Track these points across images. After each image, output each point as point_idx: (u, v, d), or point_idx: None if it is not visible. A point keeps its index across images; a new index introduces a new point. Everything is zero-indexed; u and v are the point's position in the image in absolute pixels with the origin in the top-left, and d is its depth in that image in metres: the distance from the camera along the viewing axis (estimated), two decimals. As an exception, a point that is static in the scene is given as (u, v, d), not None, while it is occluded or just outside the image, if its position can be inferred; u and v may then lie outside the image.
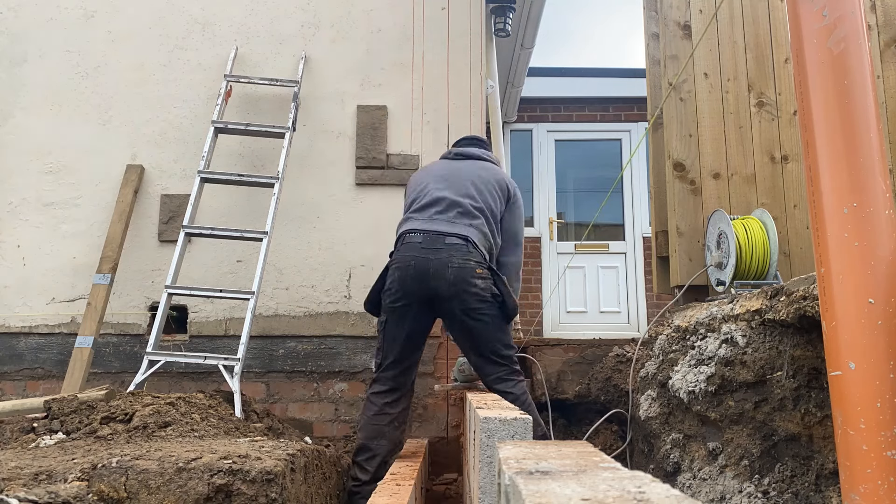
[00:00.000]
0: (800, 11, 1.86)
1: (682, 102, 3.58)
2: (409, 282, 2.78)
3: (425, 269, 2.75)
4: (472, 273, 2.76)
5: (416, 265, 2.77)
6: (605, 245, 7.34)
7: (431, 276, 2.75)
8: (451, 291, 2.74)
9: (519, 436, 1.59)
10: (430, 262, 2.76)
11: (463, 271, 2.75)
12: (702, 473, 2.66)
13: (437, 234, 2.80)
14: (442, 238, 2.79)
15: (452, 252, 2.77)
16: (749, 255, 3.07)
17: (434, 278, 2.75)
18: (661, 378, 3.07)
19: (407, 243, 2.84)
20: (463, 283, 2.74)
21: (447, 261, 2.75)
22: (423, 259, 2.76)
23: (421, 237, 2.81)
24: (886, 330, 1.62)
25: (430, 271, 2.75)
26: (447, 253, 2.76)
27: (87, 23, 4.31)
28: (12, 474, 1.67)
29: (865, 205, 1.69)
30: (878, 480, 1.58)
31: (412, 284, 2.78)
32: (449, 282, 2.74)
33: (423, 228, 2.83)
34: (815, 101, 1.81)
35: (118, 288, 3.92)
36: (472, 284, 2.75)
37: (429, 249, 2.78)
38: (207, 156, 3.83)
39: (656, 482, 0.64)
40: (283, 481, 1.81)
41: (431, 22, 4.33)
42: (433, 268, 2.75)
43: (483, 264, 2.81)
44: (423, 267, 2.76)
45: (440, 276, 2.74)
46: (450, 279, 2.74)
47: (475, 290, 2.76)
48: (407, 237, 2.86)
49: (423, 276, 2.76)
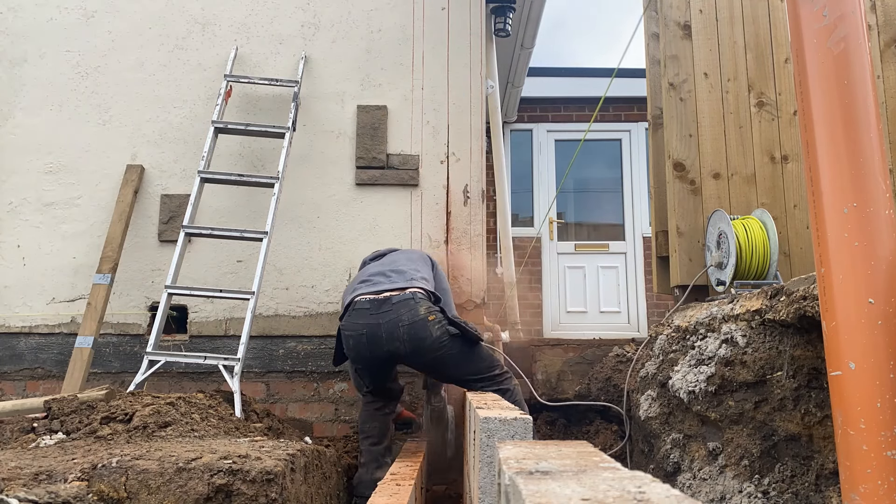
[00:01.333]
0: (800, 11, 1.86)
1: (682, 102, 3.58)
2: (364, 349, 2.83)
3: (377, 334, 2.78)
4: (425, 323, 2.77)
5: (367, 333, 2.80)
6: (605, 245, 7.34)
7: (385, 340, 2.78)
8: (409, 348, 2.78)
9: (519, 436, 1.59)
10: (381, 327, 2.78)
11: (414, 327, 2.76)
12: (702, 473, 2.66)
13: (381, 295, 2.84)
14: (387, 299, 2.82)
15: (400, 309, 2.78)
16: (749, 255, 3.07)
17: (388, 342, 2.78)
18: (661, 378, 3.07)
19: (356, 309, 2.87)
20: (418, 340, 2.76)
21: (397, 321, 2.76)
22: (374, 325, 2.79)
23: (368, 303, 2.84)
24: (886, 330, 1.62)
25: (384, 336, 2.77)
26: (395, 313, 2.78)
27: (87, 23, 4.31)
28: (12, 474, 1.67)
29: (865, 205, 1.69)
30: (878, 480, 1.58)
31: (367, 351, 2.83)
32: (404, 341, 2.76)
33: (368, 291, 2.89)
34: (815, 101, 1.81)
35: (118, 288, 3.91)
36: (428, 335, 2.77)
37: (377, 314, 2.80)
38: (207, 156, 3.83)
39: (656, 482, 0.64)
40: (283, 481, 1.81)
41: (431, 22, 4.33)
42: (385, 331, 2.77)
43: (432, 308, 2.83)
44: (374, 333, 2.79)
45: (394, 338, 2.77)
46: (404, 338, 2.76)
47: (433, 338, 2.77)
48: (354, 303, 2.89)
49: (377, 342, 2.79)
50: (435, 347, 2.77)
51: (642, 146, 7.32)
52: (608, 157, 7.58)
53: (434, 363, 2.85)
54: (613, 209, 7.45)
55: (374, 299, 2.83)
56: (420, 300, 2.82)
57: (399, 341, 2.76)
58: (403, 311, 2.76)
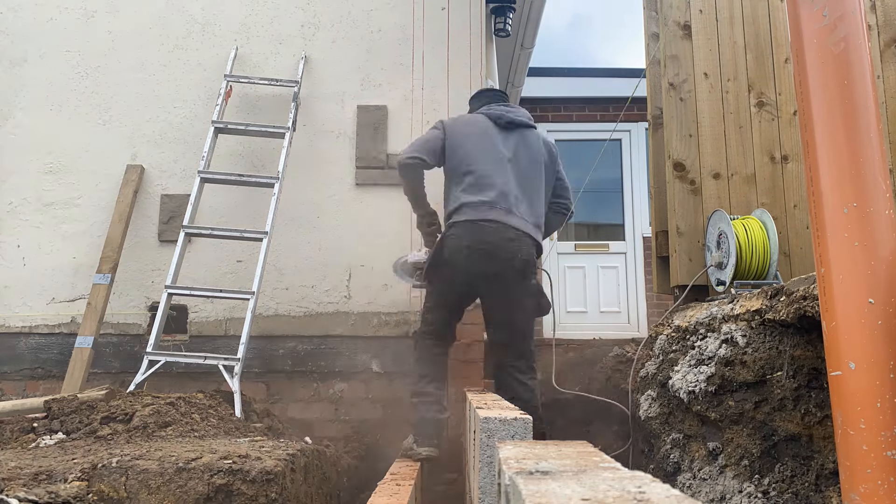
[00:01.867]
0: (800, 11, 1.86)
1: (682, 102, 3.58)
2: (476, 259, 2.94)
3: (494, 252, 2.94)
4: (532, 267, 3.02)
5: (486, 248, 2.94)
6: (605, 245, 7.34)
7: (501, 259, 2.94)
8: (512, 275, 2.96)
9: (519, 436, 1.59)
10: (500, 249, 2.94)
11: (528, 264, 2.99)
12: (702, 473, 2.66)
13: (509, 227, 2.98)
14: (515, 230, 2.98)
15: (521, 245, 2.98)
16: (749, 255, 3.07)
17: (502, 261, 2.94)
18: (661, 378, 3.07)
19: (480, 224, 2.97)
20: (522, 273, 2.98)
21: (517, 251, 2.96)
22: (493, 244, 2.95)
23: (494, 225, 2.97)
24: (886, 330, 1.62)
25: (501, 255, 2.94)
26: (517, 244, 2.97)
27: (87, 23, 4.31)
28: (12, 474, 1.67)
29: (865, 205, 1.69)
30: (878, 480, 1.58)
31: (478, 262, 2.95)
32: (515, 268, 2.95)
33: (500, 220, 2.97)
34: (815, 101, 1.81)
35: (118, 288, 3.91)
36: (532, 275, 3.01)
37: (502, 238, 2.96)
38: (207, 156, 3.83)
39: (656, 482, 0.64)
40: (283, 481, 1.81)
41: (431, 22, 4.33)
42: (503, 253, 2.94)
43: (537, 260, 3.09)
44: (492, 251, 2.94)
45: (508, 261, 2.95)
46: (517, 266, 2.95)
47: (531, 278, 3.01)
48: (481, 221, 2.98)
49: (490, 257, 2.94)
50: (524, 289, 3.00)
51: (642, 146, 7.32)
52: (608, 157, 7.57)
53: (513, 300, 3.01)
54: (613, 209, 7.44)
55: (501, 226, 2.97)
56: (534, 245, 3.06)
57: (510, 264, 2.94)
58: (524, 247, 2.98)
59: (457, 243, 2.97)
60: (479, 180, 3.05)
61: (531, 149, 3.21)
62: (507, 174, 3.08)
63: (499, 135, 3.17)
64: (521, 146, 3.19)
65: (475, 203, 2.99)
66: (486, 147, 3.13)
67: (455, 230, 3.00)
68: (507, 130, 3.20)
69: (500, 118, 3.22)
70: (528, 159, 3.17)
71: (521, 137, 3.21)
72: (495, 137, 3.17)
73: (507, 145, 3.16)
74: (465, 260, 2.95)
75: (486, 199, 3.00)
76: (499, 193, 3.01)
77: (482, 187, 3.03)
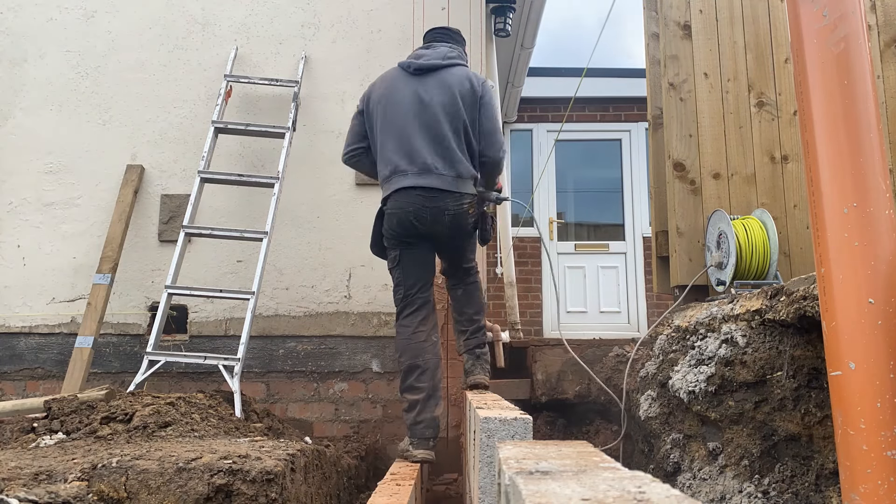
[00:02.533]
0: (800, 11, 1.86)
1: (682, 102, 3.58)
2: (409, 226, 2.98)
3: (423, 216, 2.95)
4: (465, 215, 3.03)
5: (414, 212, 2.95)
6: (605, 245, 7.34)
7: (430, 222, 2.96)
8: (447, 233, 3.02)
9: (519, 436, 1.59)
10: (428, 211, 2.95)
11: (457, 217, 3.00)
12: (702, 473, 2.66)
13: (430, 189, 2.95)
14: (436, 190, 2.95)
15: (448, 200, 2.96)
16: (749, 255, 3.07)
17: (433, 224, 2.97)
18: (661, 378, 3.07)
19: (402, 191, 2.97)
20: (457, 227, 3.02)
21: (444, 208, 2.96)
22: (421, 208, 2.95)
23: (417, 191, 2.95)
24: (886, 330, 1.62)
25: (429, 218, 2.96)
26: (442, 201, 2.96)
27: (87, 23, 4.31)
28: (12, 474, 1.67)
29: (865, 205, 1.69)
30: (878, 480, 1.58)
31: (412, 228, 2.98)
32: (445, 225, 2.98)
33: (418, 185, 2.94)
34: (815, 101, 1.81)
35: (118, 288, 3.91)
36: (466, 223, 3.04)
37: (426, 199, 2.95)
38: (207, 156, 3.83)
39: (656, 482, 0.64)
40: (283, 481, 1.81)
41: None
42: (431, 215, 2.96)
43: (472, 200, 3.04)
44: (421, 214, 2.95)
45: (438, 223, 2.97)
46: (447, 223, 2.98)
47: (466, 228, 3.06)
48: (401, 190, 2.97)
49: (421, 222, 2.96)
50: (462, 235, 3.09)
51: (642, 146, 7.32)
52: (608, 157, 7.58)
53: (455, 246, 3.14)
54: (613, 209, 7.44)
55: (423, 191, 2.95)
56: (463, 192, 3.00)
57: (441, 225, 2.97)
58: (450, 203, 2.97)
59: (389, 217, 3.02)
60: (390, 151, 3.01)
61: (445, 92, 3.01)
62: (415, 133, 2.98)
63: (408, 87, 3.04)
64: (434, 92, 3.01)
65: (388, 175, 3.00)
66: (393, 112, 3.04)
67: (385, 206, 3.05)
68: (418, 77, 3.05)
69: (409, 66, 3.09)
70: (440, 105, 2.99)
71: (435, 82, 3.03)
72: (402, 93, 3.05)
73: (414, 98, 3.01)
74: (398, 228, 3.00)
75: (399, 167, 2.97)
76: (408, 159, 2.96)
77: (393, 157, 2.99)
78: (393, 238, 3.04)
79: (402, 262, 3.04)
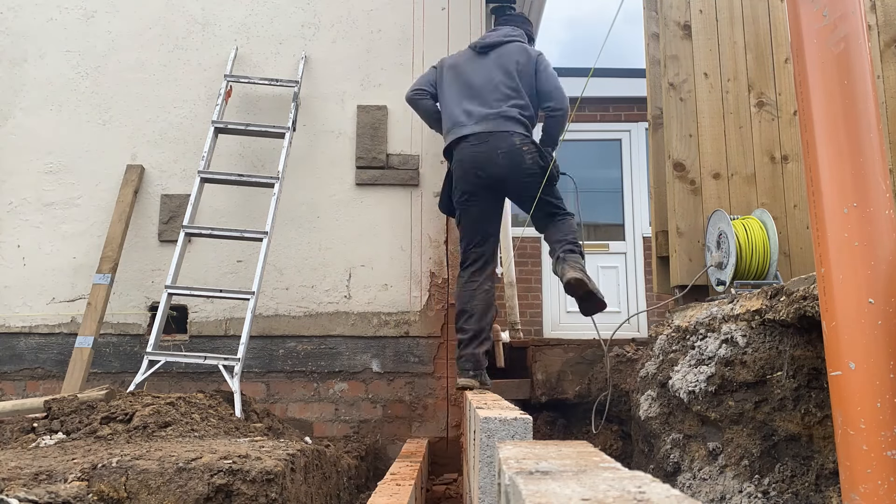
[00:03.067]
0: (800, 11, 1.86)
1: (682, 102, 3.58)
2: (471, 173, 3.32)
3: (479, 159, 3.30)
4: (520, 153, 3.32)
5: (471, 157, 3.31)
6: (605, 245, 7.34)
7: (486, 162, 3.29)
8: (506, 173, 3.31)
9: (519, 436, 1.59)
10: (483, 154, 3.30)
11: (511, 155, 3.30)
12: (702, 473, 2.66)
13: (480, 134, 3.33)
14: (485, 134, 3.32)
15: (497, 140, 3.31)
16: (749, 255, 3.07)
17: (489, 165, 3.29)
18: (661, 378, 3.07)
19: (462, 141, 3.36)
20: (514, 165, 3.31)
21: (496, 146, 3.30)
22: (477, 153, 3.32)
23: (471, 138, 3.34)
24: (886, 330, 1.62)
25: (483, 159, 3.30)
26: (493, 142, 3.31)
27: (87, 23, 4.31)
28: (12, 474, 1.67)
29: (865, 205, 1.69)
30: (878, 480, 1.58)
31: (473, 175, 3.32)
32: (502, 165, 3.29)
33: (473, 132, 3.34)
34: (815, 101, 1.81)
35: (118, 288, 3.92)
36: (522, 161, 3.32)
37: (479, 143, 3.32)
38: (207, 156, 3.83)
39: (656, 482, 0.64)
40: (283, 481, 1.81)
41: (431, 22, 4.33)
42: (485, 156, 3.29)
43: (524, 140, 3.36)
44: (478, 159, 3.31)
45: (494, 163, 3.29)
46: (502, 163, 3.28)
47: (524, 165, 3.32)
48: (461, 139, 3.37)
49: (480, 167, 3.30)
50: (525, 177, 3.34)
51: (642, 146, 7.32)
52: (608, 157, 7.58)
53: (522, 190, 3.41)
54: (613, 209, 7.45)
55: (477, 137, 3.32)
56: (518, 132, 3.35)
57: (498, 166, 3.28)
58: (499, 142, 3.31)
59: (456, 169, 3.40)
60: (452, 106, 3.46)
61: (503, 62, 3.49)
62: (475, 94, 3.44)
63: (474, 61, 3.54)
64: (494, 66, 3.49)
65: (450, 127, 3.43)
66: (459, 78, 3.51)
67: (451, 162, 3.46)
68: (483, 55, 3.54)
69: (476, 46, 3.61)
70: (502, 73, 3.46)
71: (495, 55, 3.52)
72: (468, 65, 3.54)
73: (478, 73, 3.49)
74: (463, 178, 3.34)
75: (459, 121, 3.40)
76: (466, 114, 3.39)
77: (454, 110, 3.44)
78: (458, 191, 3.39)
79: (462, 217, 3.41)
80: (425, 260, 4.09)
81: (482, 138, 3.31)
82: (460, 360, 3.29)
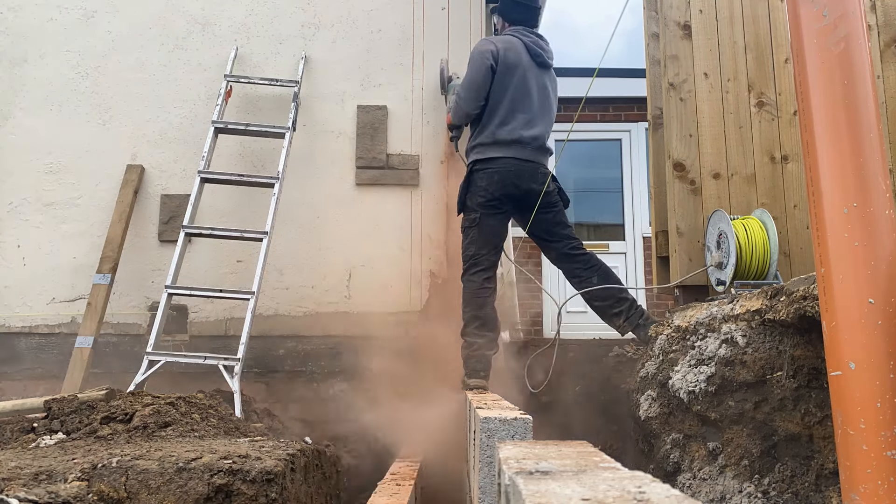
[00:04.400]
0: (800, 11, 1.86)
1: (682, 102, 3.58)
2: (508, 184, 3.41)
3: (520, 174, 3.43)
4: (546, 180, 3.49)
5: (515, 171, 3.42)
6: (605, 245, 7.33)
7: (527, 178, 3.44)
8: (534, 197, 3.45)
9: (519, 436, 1.59)
10: (522, 179, 3.45)
11: (544, 177, 3.49)
12: (702, 473, 2.66)
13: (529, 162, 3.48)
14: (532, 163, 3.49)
15: (536, 173, 3.48)
16: (749, 255, 3.07)
17: (528, 181, 3.44)
18: (661, 378, 3.07)
19: (506, 158, 3.44)
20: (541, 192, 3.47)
21: (532, 177, 3.47)
22: (522, 170, 3.45)
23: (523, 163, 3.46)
24: (886, 330, 1.62)
25: (525, 175, 3.44)
26: (531, 171, 3.47)
27: (87, 23, 4.31)
28: (12, 474, 1.67)
29: (865, 205, 1.69)
30: (878, 480, 1.58)
31: (510, 186, 3.41)
32: (539, 182, 3.46)
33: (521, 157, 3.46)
34: (815, 101, 1.81)
35: (118, 288, 3.91)
36: (549, 189, 3.50)
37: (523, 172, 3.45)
38: (207, 156, 3.83)
39: (656, 482, 0.64)
40: (283, 481, 1.81)
41: (431, 22, 4.33)
42: (527, 173, 3.44)
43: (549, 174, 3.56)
44: (520, 172, 3.44)
45: (532, 180, 3.44)
46: (539, 180, 3.46)
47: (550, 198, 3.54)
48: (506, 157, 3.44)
49: (520, 179, 3.43)
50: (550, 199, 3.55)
51: (642, 146, 7.32)
52: (608, 157, 7.57)
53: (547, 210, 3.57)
54: (613, 209, 7.44)
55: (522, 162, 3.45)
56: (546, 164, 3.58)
57: (535, 182, 3.44)
58: (540, 169, 3.51)
59: (492, 174, 3.41)
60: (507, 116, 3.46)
61: (554, 88, 3.71)
62: (535, 113, 3.52)
63: (531, 73, 3.55)
64: (551, 89, 3.65)
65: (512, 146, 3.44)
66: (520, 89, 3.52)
67: (491, 164, 3.43)
68: (544, 70, 3.61)
69: (538, 56, 3.58)
70: (552, 100, 3.66)
71: (550, 80, 3.67)
72: (528, 74, 3.54)
73: (538, 91, 3.56)
74: (502, 185, 3.41)
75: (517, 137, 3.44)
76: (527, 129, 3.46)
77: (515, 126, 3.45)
78: (488, 195, 3.40)
79: (482, 221, 3.42)
80: (425, 260, 4.09)
81: (530, 157, 3.47)
82: (470, 361, 3.30)
